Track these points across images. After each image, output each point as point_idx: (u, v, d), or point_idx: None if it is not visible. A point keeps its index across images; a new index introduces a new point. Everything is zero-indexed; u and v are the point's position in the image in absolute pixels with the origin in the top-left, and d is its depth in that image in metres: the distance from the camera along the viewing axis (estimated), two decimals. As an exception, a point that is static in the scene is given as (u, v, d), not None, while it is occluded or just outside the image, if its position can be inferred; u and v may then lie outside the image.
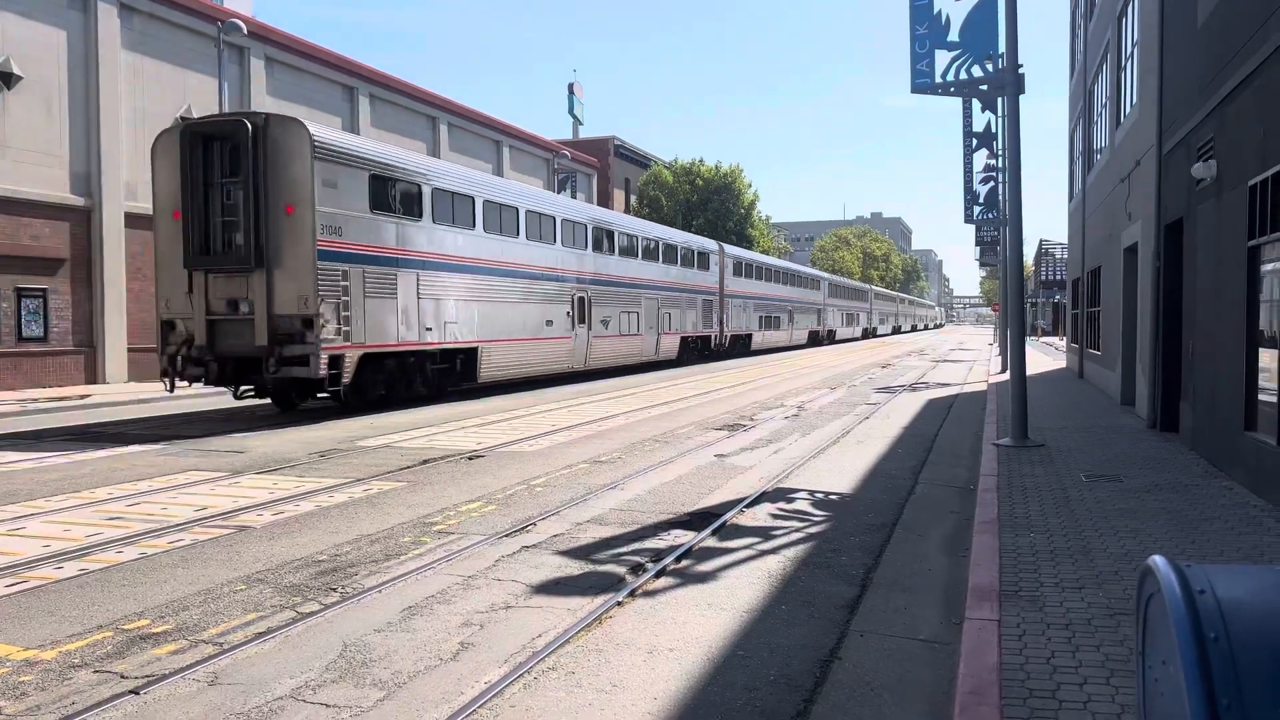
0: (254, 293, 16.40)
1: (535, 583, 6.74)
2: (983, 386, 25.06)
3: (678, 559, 7.38)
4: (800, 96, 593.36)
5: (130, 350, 26.81)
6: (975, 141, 30.67)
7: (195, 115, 25.77)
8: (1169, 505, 8.76)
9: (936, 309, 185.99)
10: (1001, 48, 13.10)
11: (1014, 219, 13.28)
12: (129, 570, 7.13)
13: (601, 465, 12.04)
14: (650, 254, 33.78)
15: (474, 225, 21.81)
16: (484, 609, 6.15)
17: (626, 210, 60.72)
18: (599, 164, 56.71)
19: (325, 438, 14.70)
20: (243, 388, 17.65)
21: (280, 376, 16.60)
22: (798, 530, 8.52)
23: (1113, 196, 19.79)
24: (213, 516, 8.97)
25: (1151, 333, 14.66)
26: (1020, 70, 13.05)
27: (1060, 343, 52.12)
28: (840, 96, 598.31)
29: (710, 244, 41.57)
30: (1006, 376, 13.58)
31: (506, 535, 8.17)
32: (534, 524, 8.61)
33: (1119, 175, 18.65)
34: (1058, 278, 57.12)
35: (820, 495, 10.24)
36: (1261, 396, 9.27)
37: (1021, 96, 13.36)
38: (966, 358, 44.43)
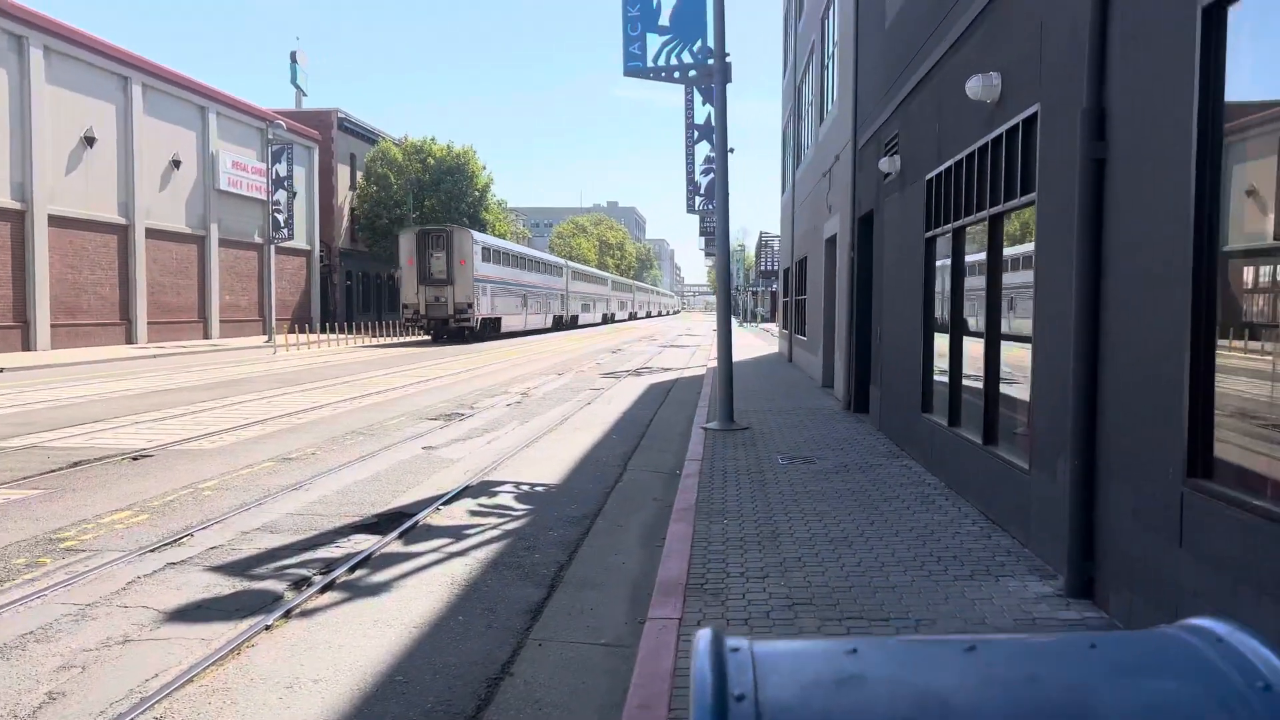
0: (446, 293, 41.82)
1: (171, 608, 5.77)
2: (702, 371, 25.81)
3: (351, 569, 6.63)
4: (538, 84, 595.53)
5: (54, 326, 33.07)
6: (697, 133, 31.43)
7: None
8: (855, 485, 9.06)
9: (675, 297, 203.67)
10: (710, 36, 13.20)
11: (721, 205, 13.46)
12: None
13: (290, 463, 10.95)
14: (544, 270, 59.98)
15: (501, 264, 48.21)
16: (95, 645, 5.14)
17: (352, 187, 57.85)
18: (321, 138, 53.48)
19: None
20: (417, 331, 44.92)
21: (457, 327, 41.99)
22: (494, 528, 8.01)
23: (817, 190, 20.85)
24: None
25: (847, 319, 15.46)
26: (727, 59, 13.21)
27: (776, 329, 55.24)
28: (577, 85, 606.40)
29: (561, 261, 69.21)
30: (718, 362, 13.98)
31: (152, 550, 7.05)
32: (190, 535, 7.52)
33: (822, 170, 19.64)
34: (774, 267, 60.51)
35: (526, 487, 9.79)
36: (937, 378, 9.83)
37: (731, 87, 13.60)
38: (691, 343, 45.98)
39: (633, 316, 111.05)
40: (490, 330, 46.13)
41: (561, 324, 65.59)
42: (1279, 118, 4.04)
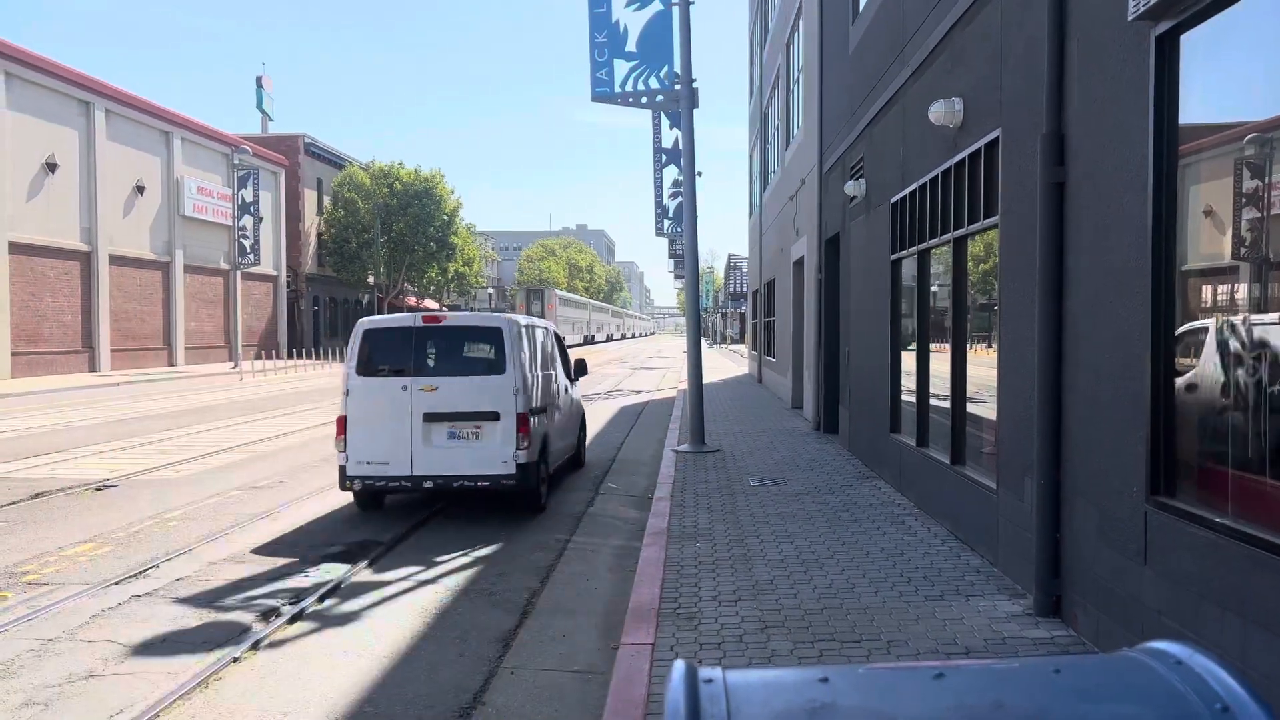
0: None
1: (137, 641, 5.67)
2: (673, 393, 25.84)
3: (320, 598, 6.56)
4: (507, 108, 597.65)
5: (14, 354, 31.79)
6: (664, 157, 31.73)
7: None
8: (825, 506, 9.10)
9: (650, 320, 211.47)
10: (676, 62, 13.32)
11: (690, 228, 13.55)
12: None
13: (259, 491, 10.82)
14: (580, 307, 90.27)
15: (566, 305, 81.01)
16: (59, 681, 5.04)
17: (319, 211, 57.58)
18: (288, 162, 53.21)
19: None
20: None
21: None
22: (465, 554, 7.96)
23: (784, 213, 21.03)
24: None
25: (816, 341, 15.57)
26: (694, 84, 13.35)
27: (745, 350, 55.51)
28: (546, 110, 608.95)
29: (587, 300, 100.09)
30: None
31: (116, 583, 6.93)
32: (156, 566, 7.41)
33: (789, 193, 19.83)
34: (743, 289, 60.82)
35: (496, 512, 9.74)
36: (905, 399, 9.91)
37: (699, 112, 13.73)
38: (661, 365, 46.06)
39: (625, 337, 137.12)
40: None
41: (587, 341, 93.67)
42: (1233, 139, 4.14)
